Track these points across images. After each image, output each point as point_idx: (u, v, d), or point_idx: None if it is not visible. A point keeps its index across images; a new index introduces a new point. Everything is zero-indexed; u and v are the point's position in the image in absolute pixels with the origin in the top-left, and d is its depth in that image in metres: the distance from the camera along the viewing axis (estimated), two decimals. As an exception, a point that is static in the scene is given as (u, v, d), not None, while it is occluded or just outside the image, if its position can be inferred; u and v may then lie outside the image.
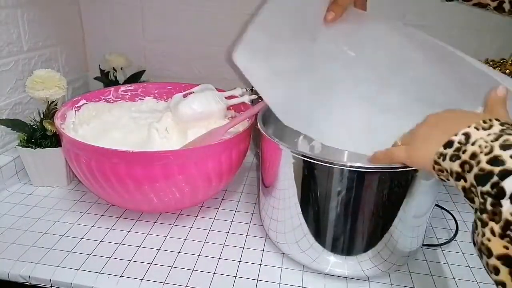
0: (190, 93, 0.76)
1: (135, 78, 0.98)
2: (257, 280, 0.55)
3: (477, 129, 0.34)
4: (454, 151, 0.34)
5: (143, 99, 0.85)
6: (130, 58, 0.98)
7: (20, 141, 0.72)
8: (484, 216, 0.30)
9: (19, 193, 0.72)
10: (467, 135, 0.34)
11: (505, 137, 0.32)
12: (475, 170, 0.32)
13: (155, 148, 0.68)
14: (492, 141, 0.32)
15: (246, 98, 0.77)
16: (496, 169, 0.30)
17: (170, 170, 0.58)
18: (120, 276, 0.54)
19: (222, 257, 0.59)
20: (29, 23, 0.81)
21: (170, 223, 0.66)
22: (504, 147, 0.31)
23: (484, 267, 0.31)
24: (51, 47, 0.89)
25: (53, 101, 0.73)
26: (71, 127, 0.72)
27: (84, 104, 0.76)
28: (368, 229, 0.51)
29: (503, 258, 0.29)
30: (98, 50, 1.02)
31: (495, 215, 0.29)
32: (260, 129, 0.56)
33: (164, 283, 0.53)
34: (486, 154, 0.32)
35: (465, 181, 0.33)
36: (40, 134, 0.72)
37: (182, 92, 0.79)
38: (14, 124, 0.74)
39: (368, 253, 0.52)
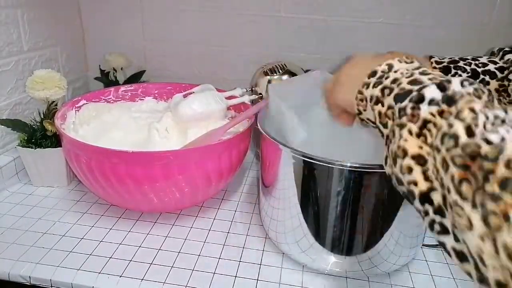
0: (190, 93, 0.76)
1: (135, 78, 0.98)
2: (257, 280, 0.55)
3: (400, 62, 0.37)
4: (378, 78, 0.37)
5: (143, 99, 0.85)
6: (130, 58, 0.98)
7: (20, 141, 0.72)
8: (403, 119, 0.32)
9: (19, 193, 0.72)
10: (390, 65, 0.37)
11: (423, 68, 0.35)
12: (396, 90, 0.34)
13: (155, 148, 0.68)
14: (413, 69, 0.35)
15: (246, 98, 0.77)
16: (415, 87, 0.33)
17: (170, 170, 0.58)
18: (120, 276, 0.54)
19: (222, 257, 0.59)
20: (29, 23, 0.81)
21: (170, 223, 0.66)
22: (423, 73, 0.34)
23: (397, 173, 0.32)
24: (51, 47, 0.89)
25: (53, 101, 0.73)
26: (71, 127, 0.72)
27: (84, 104, 0.76)
28: (368, 229, 0.51)
29: (417, 158, 0.30)
30: (98, 50, 1.02)
31: (414, 117, 0.31)
32: (260, 129, 0.56)
33: (164, 283, 0.53)
34: (407, 77, 0.34)
35: (383, 105, 0.35)
36: (40, 134, 0.72)
37: (182, 92, 0.79)
38: (14, 124, 0.74)
39: (368, 253, 0.52)
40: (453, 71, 0.49)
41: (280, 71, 0.81)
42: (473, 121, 0.27)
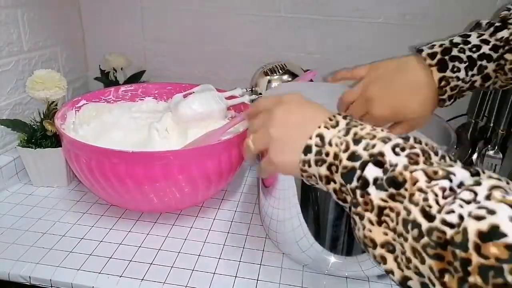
0: (190, 93, 0.76)
1: (135, 78, 0.98)
2: (257, 280, 0.55)
3: (327, 128, 0.36)
4: (316, 155, 0.35)
5: (143, 99, 0.85)
6: (130, 58, 0.98)
7: (21, 141, 0.72)
8: (359, 209, 0.32)
9: (19, 193, 0.72)
10: (321, 137, 0.35)
11: (353, 130, 0.34)
12: (340, 169, 0.33)
13: (155, 148, 0.68)
14: (344, 136, 0.34)
15: (246, 98, 0.77)
16: (357, 164, 0.32)
17: (170, 170, 0.58)
18: (120, 276, 0.54)
19: (222, 257, 0.59)
20: (29, 23, 0.81)
21: (170, 223, 0.66)
22: (356, 141, 0.33)
23: (372, 260, 0.32)
24: (51, 47, 0.89)
25: (53, 101, 0.73)
26: (71, 127, 0.72)
27: (84, 104, 0.76)
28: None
29: (386, 245, 0.30)
30: (98, 50, 1.02)
31: (367, 204, 0.31)
32: None
33: (164, 283, 0.53)
34: (344, 151, 0.33)
35: (335, 182, 0.34)
36: (40, 134, 0.72)
37: (182, 92, 0.79)
38: (14, 124, 0.74)
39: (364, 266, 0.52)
40: (450, 64, 0.48)
41: (280, 71, 0.81)
42: (425, 202, 0.27)
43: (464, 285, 0.24)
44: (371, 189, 0.31)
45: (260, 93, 0.81)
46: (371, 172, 0.31)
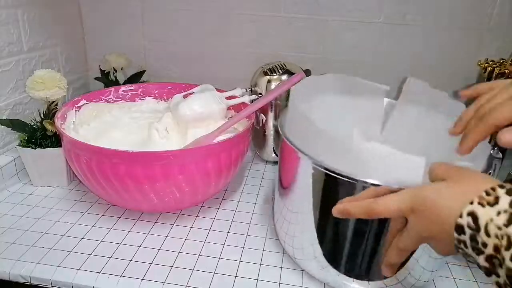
0: (190, 93, 0.76)
1: (135, 78, 0.98)
2: (257, 280, 0.55)
3: (482, 205, 0.29)
4: (472, 241, 0.30)
5: (143, 99, 0.85)
6: (130, 58, 0.98)
7: (21, 141, 0.72)
8: None
9: (20, 193, 0.72)
10: (474, 216, 0.29)
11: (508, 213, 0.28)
12: (505, 270, 0.28)
13: (155, 148, 0.68)
14: (505, 226, 0.28)
15: (246, 98, 0.77)
16: None
17: (170, 170, 0.58)
18: (120, 276, 0.54)
19: (222, 257, 0.59)
20: (29, 23, 0.81)
21: (170, 223, 0.66)
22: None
23: None
24: (51, 47, 0.89)
25: (54, 101, 0.73)
26: (72, 127, 0.72)
27: (84, 104, 0.76)
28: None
29: None
30: (98, 50, 1.02)
31: None
32: (281, 134, 0.54)
33: (164, 283, 0.53)
34: (507, 249, 0.28)
35: (498, 276, 0.29)
36: (40, 134, 0.72)
37: (182, 92, 0.79)
38: (14, 124, 0.74)
39: (387, 281, 0.50)
40: None
41: (280, 71, 0.81)
42: None
43: None
44: None
45: (260, 93, 0.81)
46: None
